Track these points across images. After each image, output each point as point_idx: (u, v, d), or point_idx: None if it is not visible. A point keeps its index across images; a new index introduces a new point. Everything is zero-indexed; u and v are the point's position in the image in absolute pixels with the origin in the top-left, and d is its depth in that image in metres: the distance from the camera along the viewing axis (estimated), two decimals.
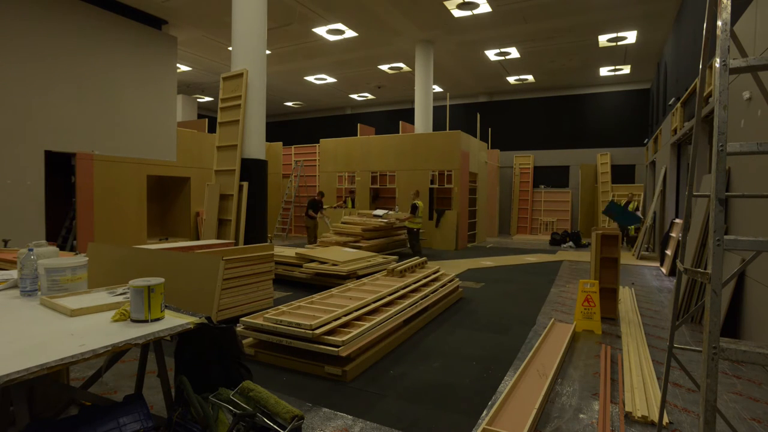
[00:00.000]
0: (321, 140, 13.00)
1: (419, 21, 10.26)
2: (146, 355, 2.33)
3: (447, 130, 11.98)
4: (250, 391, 1.95)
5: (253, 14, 6.77)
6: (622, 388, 3.08)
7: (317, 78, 15.30)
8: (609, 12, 9.67)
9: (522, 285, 6.80)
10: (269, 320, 3.52)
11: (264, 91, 6.94)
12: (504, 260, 9.46)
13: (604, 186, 15.05)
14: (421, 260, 5.96)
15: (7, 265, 3.59)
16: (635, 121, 15.23)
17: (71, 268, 2.28)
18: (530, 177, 16.54)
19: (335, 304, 4.03)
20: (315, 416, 2.70)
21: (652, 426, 2.59)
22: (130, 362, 3.44)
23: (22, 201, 7.04)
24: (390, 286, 4.72)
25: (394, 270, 5.30)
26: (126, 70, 8.70)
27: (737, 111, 4.52)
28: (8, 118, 6.95)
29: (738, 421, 2.68)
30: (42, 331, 1.75)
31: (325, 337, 3.31)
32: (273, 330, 3.46)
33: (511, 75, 14.79)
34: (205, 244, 5.20)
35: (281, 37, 11.28)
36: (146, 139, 9.09)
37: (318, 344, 3.28)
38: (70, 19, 7.77)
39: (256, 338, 3.60)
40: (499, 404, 2.69)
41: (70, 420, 1.73)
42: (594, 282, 4.54)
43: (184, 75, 14.78)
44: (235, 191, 6.72)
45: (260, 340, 3.59)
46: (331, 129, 20.08)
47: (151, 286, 1.87)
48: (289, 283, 6.75)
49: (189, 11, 9.69)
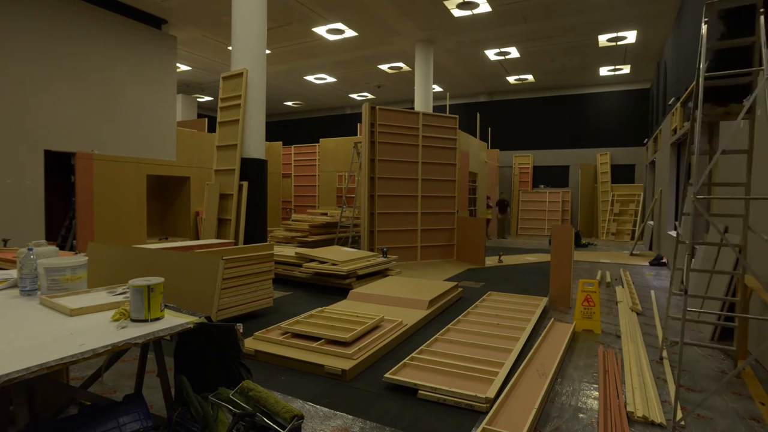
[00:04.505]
0: (321, 140, 13.00)
1: (419, 21, 10.26)
2: (146, 354, 2.33)
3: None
4: (250, 390, 1.95)
5: (252, 14, 6.76)
6: (623, 388, 3.08)
7: (317, 78, 15.30)
8: (609, 12, 9.67)
9: (522, 285, 6.80)
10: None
11: (264, 91, 6.94)
12: (504, 260, 9.46)
13: (603, 186, 15.06)
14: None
15: (7, 264, 3.59)
16: (635, 121, 15.23)
17: (71, 267, 2.28)
18: (530, 176, 16.56)
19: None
20: (315, 416, 2.70)
21: (653, 426, 2.59)
22: (130, 362, 3.44)
23: (22, 201, 7.04)
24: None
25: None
26: (126, 70, 8.70)
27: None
28: (8, 118, 6.94)
29: (738, 420, 2.68)
30: (42, 330, 1.75)
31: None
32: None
33: (511, 75, 14.78)
34: (205, 243, 5.19)
35: (281, 37, 11.28)
36: (146, 138, 9.09)
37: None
38: (69, 19, 7.77)
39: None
40: (498, 404, 2.69)
41: (69, 420, 1.73)
42: (594, 282, 4.54)
43: (183, 74, 14.77)
44: (235, 191, 6.71)
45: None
46: (331, 129, 20.08)
47: (150, 286, 1.86)
48: (289, 282, 6.75)
49: (189, 11, 9.68)
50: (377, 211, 8.37)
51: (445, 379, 3.10)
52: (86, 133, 8.03)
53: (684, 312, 2.70)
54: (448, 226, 9.26)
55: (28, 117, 7.19)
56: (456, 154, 9.39)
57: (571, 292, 5.54)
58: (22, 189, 7.05)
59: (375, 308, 4.84)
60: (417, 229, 8.86)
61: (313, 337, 3.77)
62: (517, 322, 4.54)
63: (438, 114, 9.17)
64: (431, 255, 9.08)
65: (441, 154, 9.17)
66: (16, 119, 7.04)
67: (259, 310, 4.89)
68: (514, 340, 3.95)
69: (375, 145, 8.33)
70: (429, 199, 9.04)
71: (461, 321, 4.55)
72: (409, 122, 8.74)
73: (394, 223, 8.59)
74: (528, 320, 4.56)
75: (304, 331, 3.81)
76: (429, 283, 5.79)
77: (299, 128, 21.53)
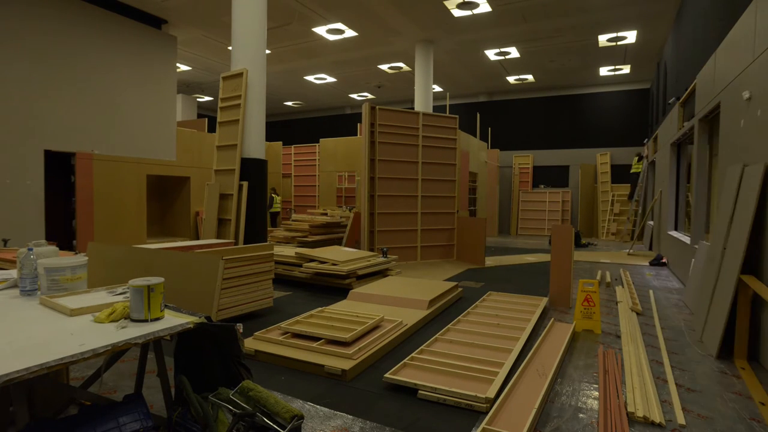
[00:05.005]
0: (321, 140, 13.00)
1: (419, 21, 10.26)
2: (146, 354, 2.33)
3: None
4: (250, 390, 1.95)
5: (252, 14, 6.76)
6: (623, 388, 3.08)
7: (317, 78, 15.30)
8: (609, 12, 9.67)
9: (522, 285, 6.80)
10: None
11: (264, 91, 6.94)
12: (503, 260, 9.47)
13: (603, 186, 15.06)
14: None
15: (7, 264, 3.59)
16: (635, 121, 15.24)
17: (71, 267, 2.28)
18: (530, 176, 16.56)
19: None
20: (315, 416, 2.70)
21: (653, 426, 2.59)
22: (130, 362, 3.44)
23: (22, 201, 7.04)
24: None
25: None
26: (126, 70, 8.70)
27: (737, 111, 4.52)
28: (8, 118, 6.94)
29: (738, 420, 2.68)
30: (42, 330, 1.75)
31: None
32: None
33: (511, 75, 14.78)
34: (205, 243, 5.20)
35: (281, 37, 11.28)
36: (146, 138, 9.09)
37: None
38: (69, 19, 7.77)
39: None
40: (498, 404, 2.69)
41: (69, 420, 1.73)
42: (594, 282, 4.54)
43: (183, 74, 14.77)
44: (235, 191, 6.72)
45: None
46: (331, 129, 20.08)
47: (150, 286, 1.86)
48: (289, 282, 6.75)
49: (188, 11, 9.69)
50: (377, 211, 8.37)
51: (445, 379, 3.10)
52: (86, 133, 8.03)
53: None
54: (448, 226, 9.26)
55: (28, 117, 7.19)
56: (456, 154, 9.39)
57: (571, 292, 5.54)
58: (22, 189, 7.05)
59: (375, 308, 4.84)
60: (417, 229, 8.86)
61: (313, 337, 3.77)
62: (517, 322, 4.54)
63: (438, 114, 9.18)
64: (431, 255, 9.08)
65: (441, 154, 9.17)
66: (17, 119, 7.04)
67: (259, 310, 4.89)
68: (514, 340, 3.95)
69: (375, 145, 8.33)
70: (429, 199, 9.04)
71: (461, 321, 4.55)
72: (409, 122, 8.74)
73: (394, 223, 8.59)
74: (528, 320, 4.56)
75: (304, 331, 3.81)
76: (429, 283, 5.79)
77: (299, 128, 21.53)
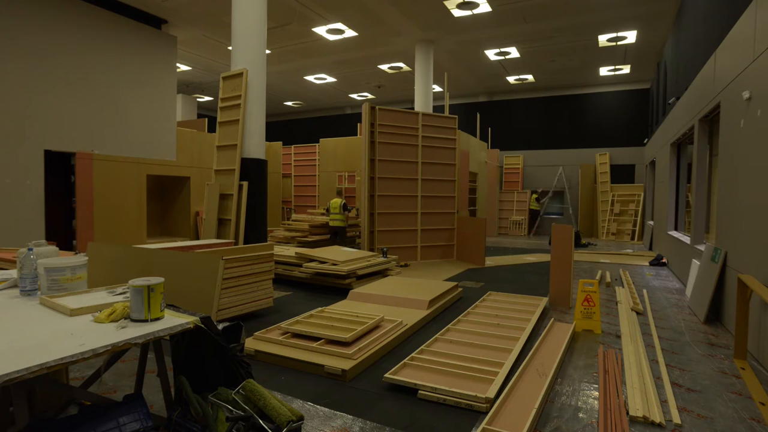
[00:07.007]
0: (321, 140, 12.99)
1: (419, 21, 10.26)
2: (146, 354, 2.33)
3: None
4: (250, 390, 1.95)
5: (252, 14, 6.76)
6: (623, 388, 3.08)
7: (317, 78, 15.30)
8: (609, 12, 9.66)
9: (522, 285, 6.80)
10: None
11: (264, 91, 6.94)
12: (503, 260, 9.47)
13: (603, 186, 15.06)
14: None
15: (7, 264, 3.59)
16: (635, 121, 15.23)
17: (71, 267, 2.28)
18: (520, 177, 16.58)
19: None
20: (315, 416, 2.70)
21: (653, 426, 2.59)
22: (130, 362, 3.44)
23: (22, 201, 7.04)
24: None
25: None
26: (126, 70, 8.70)
27: (737, 111, 4.52)
28: (8, 118, 6.94)
29: (738, 420, 2.68)
30: (42, 330, 1.75)
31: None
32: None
33: (511, 75, 14.78)
34: (205, 243, 5.19)
35: (281, 37, 11.27)
36: (146, 138, 9.09)
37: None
38: (69, 19, 7.77)
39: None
40: (498, 404, 2.69)
41: (69, 420, 1.73)
42: (594, 282, 4.54)
43: (183, 74, 14.77)
44: (235, 191, 6.72)
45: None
46: (331, 129, 20.08)
47: (150, 286, 1.86)
48: (289, 282, 6.75)
49: (188, 11, 9.68)
50: (377, 211, 8.37)
51: (445, 379, 3.10)
52: (86, 133, 8.02)
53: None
54: (448, 226, 9.26)
55: (28, 117, 7.18)
56: (456, 154, 9.38)
57: (571, 292, 5.54)
58: (22, 189, 7.04)
59: (375, 308, 4.84)
60: (417, 229, 8.86)
61: (313, 337, 3.77)
62: (517, 322, 4.54)
63: (438, 114, 9.17)
64: (431, 255, 9.07)
65: (441, 154, 9.17)
66: (17, 119, 7.04)
67: (259, 310, 4.89)
68: (514, 340, 3.95)
69: (375, 145, 8.33)
70: (429, 199, 9.03)
71: (461, 321, 4.55)
72: (408, 122, 8.74)
73: (394, 223, 8.59)
74: (528, 320, 4.56)
75: (304, 331, 3.82)
76: (429, 283, 5.79)
77: (299, 128, 21.52)
